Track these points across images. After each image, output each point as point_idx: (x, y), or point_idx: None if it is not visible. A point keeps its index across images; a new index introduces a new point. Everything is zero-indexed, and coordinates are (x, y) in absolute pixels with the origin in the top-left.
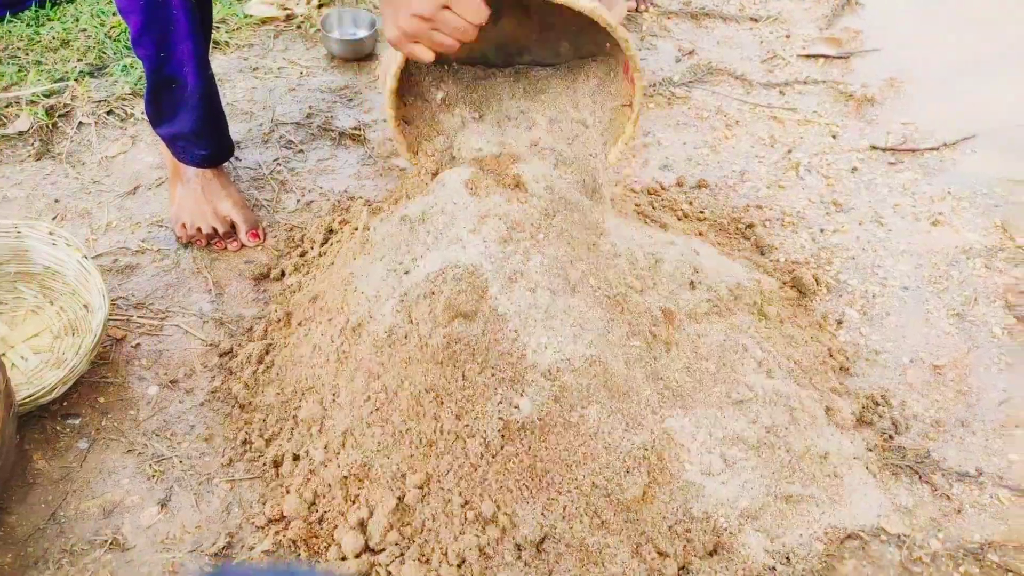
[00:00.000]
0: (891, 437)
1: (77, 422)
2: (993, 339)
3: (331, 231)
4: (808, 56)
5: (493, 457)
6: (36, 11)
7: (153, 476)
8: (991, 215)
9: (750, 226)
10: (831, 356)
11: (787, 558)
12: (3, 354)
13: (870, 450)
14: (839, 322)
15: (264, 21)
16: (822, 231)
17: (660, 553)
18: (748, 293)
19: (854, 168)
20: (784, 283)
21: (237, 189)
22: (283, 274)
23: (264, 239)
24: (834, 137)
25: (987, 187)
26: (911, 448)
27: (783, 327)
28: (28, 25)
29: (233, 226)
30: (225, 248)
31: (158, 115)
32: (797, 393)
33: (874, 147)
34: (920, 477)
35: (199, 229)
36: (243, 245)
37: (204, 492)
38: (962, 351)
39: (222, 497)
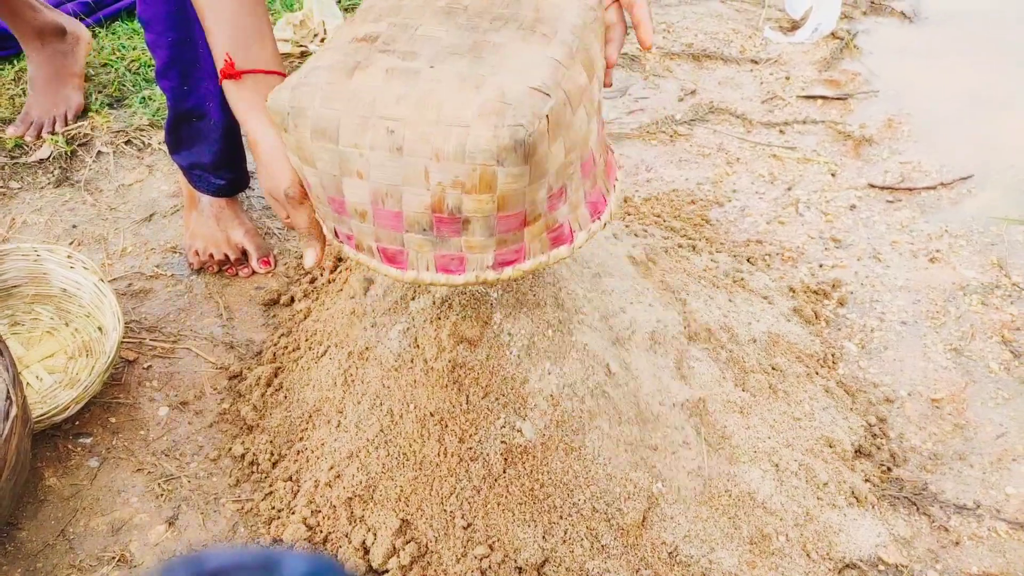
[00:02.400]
0: (889, 469)
1: (88, 441)
2: (990, 374)
3: (340, 259)
4: (807, 97)
5: (495, 480)
6: None
7: (161, 495)
8: (988, 253)
9: (749, 260)
10: (827, 391)
11: None
12: (19, 373)
13: (868, 481)
14: (837, 356)
15: None
16: (821, 266)
17: None
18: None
19: (852, 206)
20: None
21: (250, 217)
22: (293, 300)
23: (275, 266)
24: (833, 175)
25: (984, 226)
26: (909, 480)
27: (781, 361)
28: None
29: (245, 253)
30: (236, 274)
31: (177, 144)
32: (794, 426)
33: (872, 185)
34: (918, 509)
35: (211, 256)
36: (254, 272)
37: (211, 512)
38: (959, 385)
39: (228, 517)
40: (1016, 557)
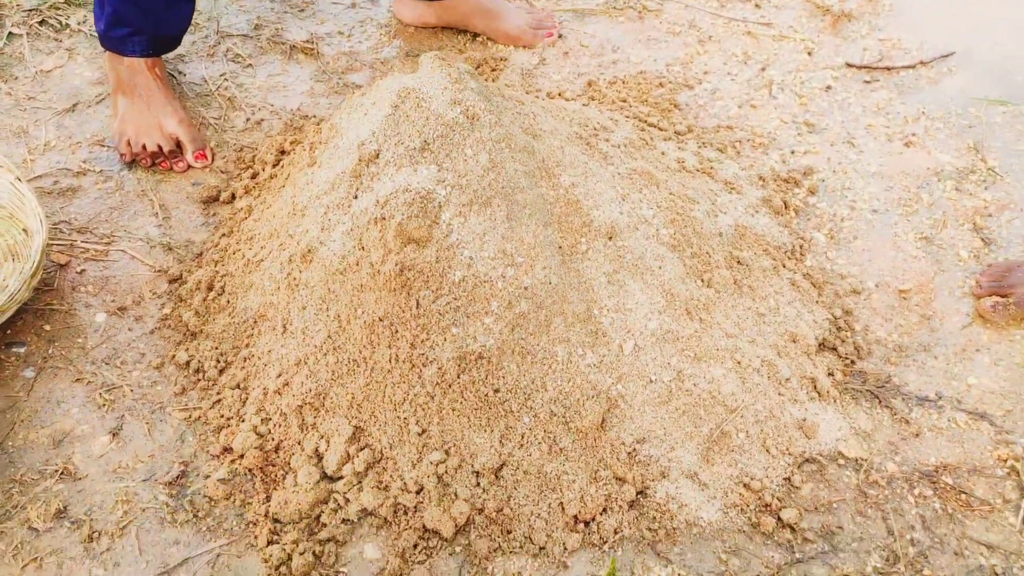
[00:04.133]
0: (853, 362)
1: (22, 351)
2: (959, 263)
3: (283, 152)
4: None
5: (449, 386)
6: None
7: (103, 405)
8: (964, 136)
9: (718, 148)
10: (794, 284)
11: (746, 483)
12: None
13: (831, 374)
14: (805, 247)
15: None
16: (792, 152)
17: (618, 478)
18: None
19: (828, 87)
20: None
21: (183, 106)
22: (233, 197)
23: (212, 160)
24: (809, 54)
25: (962, 107)
26: (872, 373)
27: (747, 254)
28: None
29: (179, 145)
30: (171, 169)
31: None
32: (758, 321)
33: (849, 65)
34: (880, 402)
35: (144, 147)
36: (190, 166)
37: (156, 421)
38: (928, 275)
39: (175, 426)
40: (974, 447)
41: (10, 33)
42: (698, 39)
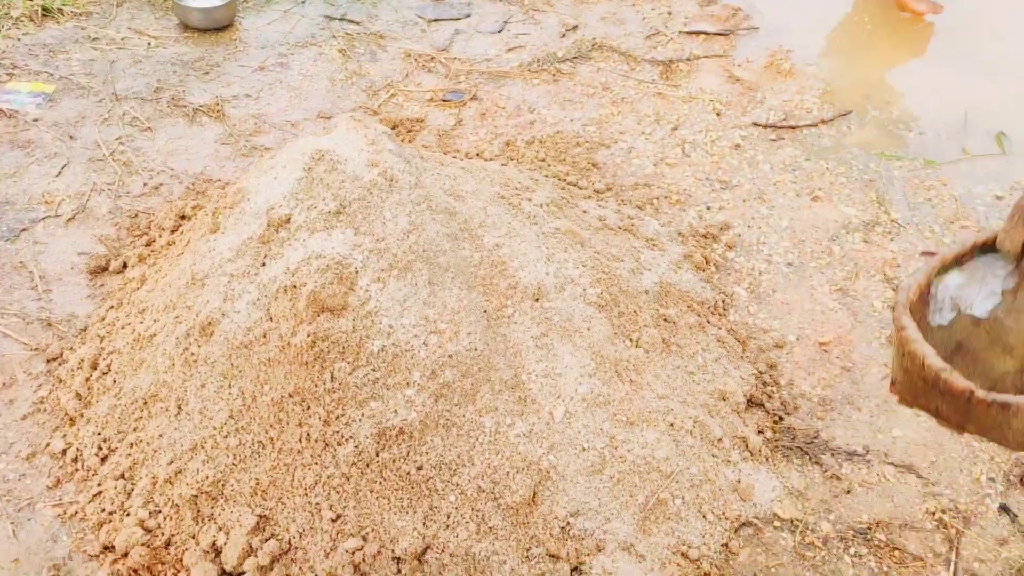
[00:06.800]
0: (781, 418)
1: None
2: (874, 313)
3: (183, 217)
4: (690, 33)
5: (367, 465)
6: None
7: None
8: (867, 190)
9: (638, 205)
10: (720, 341)
11: (683, 552)
12: None
13: (761, 432)
14: (728, 302)
15: None
16: (708, 208)
17: (552, 556)
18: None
19: (737, 145)
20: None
21: None
22: (124, 266)
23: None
24: (718, 115)
25: (863, 163)
26: (801, 429)
27: (674, 311)
28: None
29: None
30: None
31: None
32: (688, 380)
33: (756, 124)
34: (810, 458)
35: None
36: None
37: (24, 520)
38: (845, 327)
39: (46, 524)
40: (903, 501)
41: None
42: (611, 100)
